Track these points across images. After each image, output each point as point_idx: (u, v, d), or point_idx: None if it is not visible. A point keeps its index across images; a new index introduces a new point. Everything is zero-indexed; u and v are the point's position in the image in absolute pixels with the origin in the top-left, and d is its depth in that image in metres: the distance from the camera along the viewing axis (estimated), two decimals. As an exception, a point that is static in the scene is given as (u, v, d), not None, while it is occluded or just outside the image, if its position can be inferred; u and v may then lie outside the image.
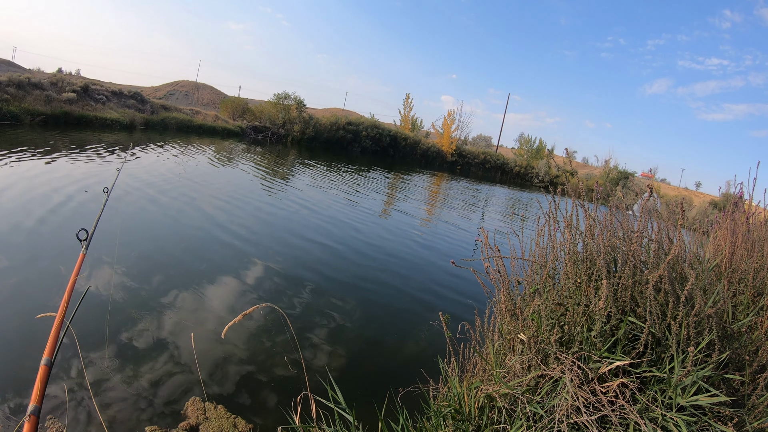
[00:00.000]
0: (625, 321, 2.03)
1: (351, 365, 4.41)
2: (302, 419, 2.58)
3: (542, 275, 2.49)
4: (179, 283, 5.39)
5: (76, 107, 20.20)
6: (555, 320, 2.24)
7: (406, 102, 42.82)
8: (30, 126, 16.92)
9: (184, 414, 3.32)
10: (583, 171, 46.16)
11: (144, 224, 7.47)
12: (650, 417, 1.80)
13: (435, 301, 6.32)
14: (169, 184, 10.60)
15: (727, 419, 1.80)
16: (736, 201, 3.28)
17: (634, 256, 2.12)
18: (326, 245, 8.06)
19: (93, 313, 4.35)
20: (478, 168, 39.38)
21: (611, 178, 37.86)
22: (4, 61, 34.72)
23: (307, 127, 32.06)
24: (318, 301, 5.61)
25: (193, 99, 46.27)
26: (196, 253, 6.54)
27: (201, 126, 27.08)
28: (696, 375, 1.78)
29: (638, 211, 2.38)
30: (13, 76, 19.23)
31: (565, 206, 2.53)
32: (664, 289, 2.02)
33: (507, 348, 2.57)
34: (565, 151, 3.51)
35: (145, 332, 4.26)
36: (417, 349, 4.94)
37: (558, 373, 2.04)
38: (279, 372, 4.02)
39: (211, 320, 4.67)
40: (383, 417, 2.37)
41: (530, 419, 1.99)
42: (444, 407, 2.39)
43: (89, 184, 9.16)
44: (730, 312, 2.18)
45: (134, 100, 25.53)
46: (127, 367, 3.73)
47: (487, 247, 2.65)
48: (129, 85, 34.05)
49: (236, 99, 35.97)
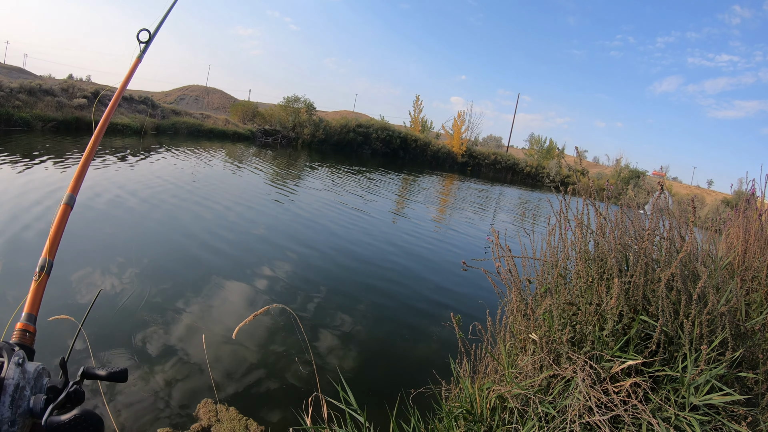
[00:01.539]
0: (638, 320, 2.01)
1: (362, 366, 4.41)
2: (314, 420, 2.58)
3: (553, 274, 2.47)
4: (190, 286, 5.42)
5: (87, 113, 20.38)
6: (567, 320, 2.23)
7: (416, 104, 42.77)
8: (41, 132, 17.12)
9: (196, 416, 3.34)
10: (594, 170, 45.86)
11: (156, 227, 7.53)
12: (663, 416, 1.79)
13: (446, 302, 6.31)
14: (179, 188, 10.69)
15: (741, 418, 1.78)
16: (749, 198, 3.24)
17: (646, 255, 2.10)
18: (337, 246, 8.07)
19: (105, 316, 4.40)
20: (488, 169, 39.27)
21: (622, 177, 37.59)
22: (16, 68, 35.17)
23: (317, 130, 32.13)
24: (329, 303, 5.62)
25: (203, 103, 46.49)
26: (207, 255, 6.58)
27: (211, 130, 27.23)
28: (709, 374, 1.77)
29: (650, 210, 2.37)
30: (25, 82, 19.48)
31: (576, 205, 2.51)
32: (677, 287, 2.00)
33: (519, 348, 2.56)
34: (575, 149, 3.48)
35: (156, 334, 4.29)
36: (428, 349, 4.93)
37: (570, 373, 2.03)
38: (290, 373, 4.03)
39: (222, 322, 4.69)
40: (395, 418, 2.37)
41: (542, 419, 1.98)
42: (456, 408, 2.38)
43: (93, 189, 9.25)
44: (743, 310, 2.16)
45: (145, 105, 25.76)
46: (140, 370, 3.76)
47: (498, 247, 2.64)
48: (139, 90, 34.26)
49: (246, 103, 36.09)
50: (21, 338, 0.91)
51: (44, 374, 0.79)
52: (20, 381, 0.71)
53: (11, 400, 0.68)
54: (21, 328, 0.92)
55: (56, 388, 0.79)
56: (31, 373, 0.75)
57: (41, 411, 0.71)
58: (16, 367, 0.71)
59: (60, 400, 0.75)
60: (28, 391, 0.72)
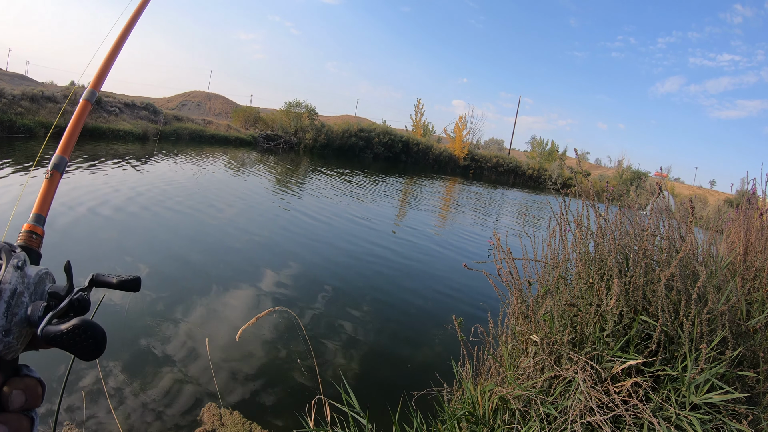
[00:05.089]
0: (638, 320, 2.02)
1: (365, 369, 4.42)
2: (317, 423, 2.59)
3: (554, 276, 2.48)
4: (194, 290, 5.44)
5: (89, 119, 20.44)
6: (567, 321, 2.24)
7: (418, 107, 42.87)
8: (44, 138, 17.13)
9: (201, 420, 3.35)
10: (597, 172, 45.86)
11: (158, 232, 7.55)
12: (664, 416, 1.79)
13: (448, 304, 6.31)
14: (183, 193, 10.72)
15: (742, 417, 1.79)
16: (750, 198, 3.24)
17: (646, 255, 2.11)
18: (339, 250, 8.09)
19: (109, 320, 4.41)
20: (490, 172, 39.30)
21: (625, 179, 37.60)
22: (18, 75, 35.26)
23: (319, 134, 32.21)
24: (331, 306, 5.63)
25: (205, 109, 46.64)
26: (210, 260, 6.60)
27: (213, 135, 27.33)
28: (709, 372, 1.77)
29: (650, 211, 2.38)
30: (27, 89, 19.59)
31: (576, 207, 2.52)
32: (676, 287, 2.01)
33: (520, 350, 2.57)
34: (575, 152, 3.47)
35: (160, 339, 4.31)
36: (431, 352, 4.94)
37: (571, 374, 2.04)
38: (293, 377, 4.04)
39: (225, 326, 4.70)
40: (397, 420, 2.38)
41: (544, 420, 1.98)
42: (458, 410, 2.39)
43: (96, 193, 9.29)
44: (744, 309, 2.16)
45: (147, 111, 25.85)
46: (144, 374, 3.77)
47: (499, 249, 2.65)
48: (141, 96, 34.39)
49: (248, 108, 36.24)
50: (27, 240, 0.85)
51: (47, 279, 0.72)
52: (18, 286, 0.64)
53: (6, 306, 0.62)
54: (27, 229, 0.86)
55: (59, 295, 0.71)
56: (32, 278, 0.68)
57: (39, 319, 0.64)
58: (15, 270, 0.65)
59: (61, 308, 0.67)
60: (26, 297, 0.66)
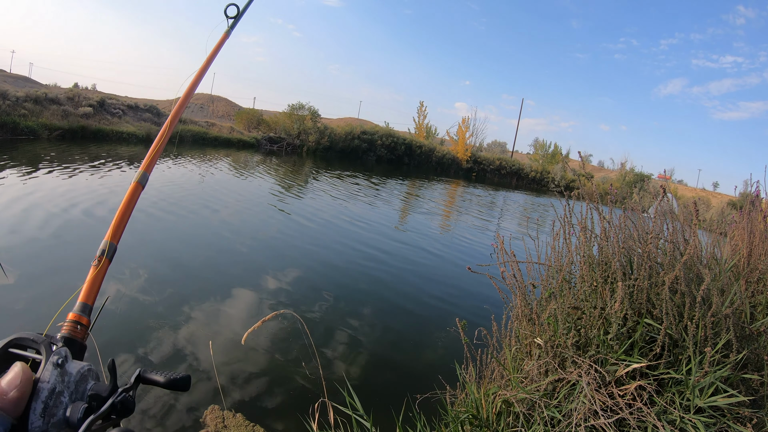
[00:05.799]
0: (642, 323, 2.02)
1: (369, 372, 4.42)
2: (320, 426, 2.59)
3: (558, 279, 2.48)
4: (197, 293, 5.45)
5: (92, 121, 20.52)
6: (571, 324, 2.24)
7: (420, 110, 42.89)
8: (47, 140, 17.22)
9: (204, 422, 3.35)
10: (600, 174, 45.77)
11: (162, 235, 7.56)
12: (668, 419, 1.79)
13: (452, 308, 6.31)
14: (186, 195, 10.74)
15: (746, 420, 1.78)
16: (753, 200, 3.24)
17: (650, 258, 2.11)
18: (343, 254, 8.09)
19: (112, 323, 4.42)
20: (493, 174, 39.26)
21: (627, 181, 37.49)
22: (21, 77, 35.43)
23: (322, 137, 32.21)
24: (335, 309, 5.63)
25: (208, 111, 46.73)
26: (214, 262, 6.61)
27: (216, 138, 27.35)
28: (713, 375, 1.77)
29: (653, 214, 2.37)
30: (30, 91, 19.66)
31: (580, 210, 2.52)
32: (680, 290, 2.00)
33: (524, 353, 2.56)
34: (579, 154, 3.45)
35: (164, 340, 4.31)
36: (434, 355, 4.93)
37: (575, 377, 2.04)
38: (297, 379, 4.04)
39: (229, 328, 4.71)
40: (401, 423, 2.38)
41: (547, 423, 1.98)
42: (462, 413, 2.39)
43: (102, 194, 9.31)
44: (748, 312, 2.16)
45: (150, 113, 25.94)
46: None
47: (502, 252, 2.65)
48: (144, 98, 34.48)
49: (251, 110, 36.23)
50: (71, 330, 0.81)
51: (90, 377, 0.68)
52: (57, 385, 0.61)
53: (44, 407, 0.58)
54: (72, 318, 0.82)
55: (100, 397, 0.67)
56: (73, 376, 0.64)
57: (78, 422, 0.60)
58: (54, 368, 0.61)
59: (103, 411, 0.64)
60: (66, 398, 0.62)
